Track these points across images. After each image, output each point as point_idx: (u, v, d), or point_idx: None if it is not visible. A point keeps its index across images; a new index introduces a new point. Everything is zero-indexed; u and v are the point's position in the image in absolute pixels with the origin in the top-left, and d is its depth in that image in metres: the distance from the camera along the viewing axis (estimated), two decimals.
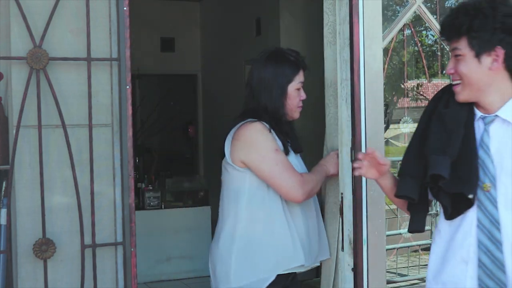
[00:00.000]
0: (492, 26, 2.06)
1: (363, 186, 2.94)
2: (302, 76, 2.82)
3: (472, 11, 2.09)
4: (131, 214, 2.49)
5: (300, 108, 2.85)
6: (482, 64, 2.09)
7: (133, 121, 2.51)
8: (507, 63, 2.09)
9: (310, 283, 4.76)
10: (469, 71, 2.11)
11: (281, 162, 2.63)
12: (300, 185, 2.63)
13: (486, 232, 2.11)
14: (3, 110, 2.57)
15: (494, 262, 2.10)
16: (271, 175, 2.62)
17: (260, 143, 2.64)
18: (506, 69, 2.11)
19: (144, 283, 5.99)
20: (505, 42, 2.06)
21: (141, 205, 6.10)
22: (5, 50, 2.51)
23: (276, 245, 2.65)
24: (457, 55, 2.13)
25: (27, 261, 2.49)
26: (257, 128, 2.66)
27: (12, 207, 2.48)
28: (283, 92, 2.76)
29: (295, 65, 2.80)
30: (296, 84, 2.80)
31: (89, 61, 2.53)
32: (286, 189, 2.63)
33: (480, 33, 2.07)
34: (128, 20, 2.49)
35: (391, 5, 3.91)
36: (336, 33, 3.01)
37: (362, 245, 2.94)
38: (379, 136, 2.98)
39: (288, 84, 2.77)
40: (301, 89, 2.83)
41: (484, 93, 2.13)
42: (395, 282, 4.19)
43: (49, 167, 2.50)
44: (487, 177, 2.10)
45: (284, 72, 2.77)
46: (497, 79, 2.11)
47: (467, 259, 2.13)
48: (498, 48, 2.07)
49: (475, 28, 2.07)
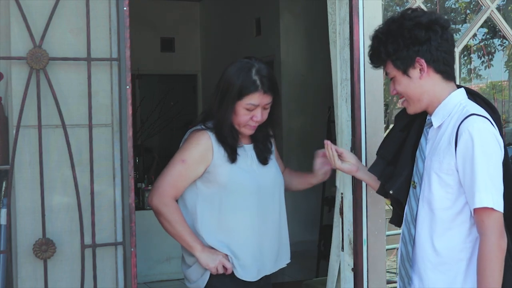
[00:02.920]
0: (403, 44, 2.22)
1: (363, 186, 2.94)
2: (256, 99, 2.59)
3: (383, 38, 2.26)
4: (131, 214, 2.49)
5: (250, 127, 2.66)
6: (413, 78, 2.26)
7: (133, 121, 2.51)
8: (433, 66, 2.24)
9: (310, 283, 4.76)
10: (405, 88, 2.28)
11: (173, 169, 2.63)
12: (158, 196, 2.62)
13: (407, 225, 2.35)
14: (3, 110, 2.57)
15: (407, 254, 2.34)
16: (160, 173, 2.69)
17: (181, 149, 2.66)
18: (435, 72, 2.25)
19: (144, 283, 6.00)
20: (422, 51, 2.22)
21: (141, 205, 6.10)
22: (5, 50, 2.51)
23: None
24: (391, 78, 2.32)
25: (27, 261, 2.49)
26: (195, 138, 2.65)
27: (12, 207, 2.48)
28: (231, 106, 2.61)
29: (253, 86, 2.59)
30: (246, 105, 2.60)
31: (89, 61, 2.53)
32: (152, 187, 2.71)
33: (397, 54, 2.24)
34: (128, 20, 2.49)
35: (391, 5, 3.91)
36: (337, 33, 3.01)
37: (362, 245, 2.95)
38: (379, 136, 2.98)
39: (236, 101, 2.60)
40: (257, 110, 2.62)
41: (426, 103, 2.29)
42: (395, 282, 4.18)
43: (49, 167, 2.50)
44: (417, 176, 2.32)
45: (237, 86, 2.59)
46: (430, 84, 2.26)
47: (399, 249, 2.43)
48: (418, 59, 2.22)
49: (391, 52, 2.24)
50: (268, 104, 2.65)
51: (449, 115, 2.24)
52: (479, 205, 2.11)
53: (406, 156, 2.39)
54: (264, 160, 2.74)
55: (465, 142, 2.13)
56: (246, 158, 2.69)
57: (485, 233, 2.12)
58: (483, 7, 3.58)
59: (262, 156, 2.74)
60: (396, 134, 2.47)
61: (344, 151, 2.65)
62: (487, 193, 2.11)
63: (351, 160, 2.64)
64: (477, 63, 4.64)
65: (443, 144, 2.21)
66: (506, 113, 4.77)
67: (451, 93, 2.27)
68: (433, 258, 2.25)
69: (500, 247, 2.11)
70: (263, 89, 2.60)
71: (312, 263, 6.14)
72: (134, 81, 8.41)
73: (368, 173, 2.61)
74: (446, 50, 2.24)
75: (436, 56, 2.22)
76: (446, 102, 2.26)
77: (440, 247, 2.23)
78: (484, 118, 2.18)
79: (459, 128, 2.16)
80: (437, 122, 2.27)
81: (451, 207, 2.21)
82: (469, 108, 2.21)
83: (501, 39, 4.31)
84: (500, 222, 2.13)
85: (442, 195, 2.22)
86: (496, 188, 2.13)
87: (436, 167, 2.22)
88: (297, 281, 5.49)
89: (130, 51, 2.49)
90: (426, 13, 2.27)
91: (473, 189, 2.13)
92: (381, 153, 2.51)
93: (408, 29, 2.21)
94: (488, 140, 2.14)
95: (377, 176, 2.54)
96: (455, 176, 2.18)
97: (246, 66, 2.63)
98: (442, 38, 2.22)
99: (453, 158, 2.17)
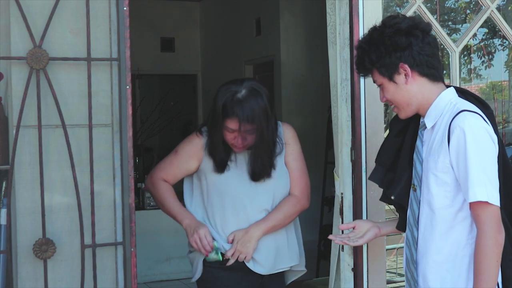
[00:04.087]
0: (385, 51, 2.25)
1: (363, 186, 2.94)
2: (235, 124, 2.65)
3: (366, 47, 2.30)
4: (131, 214, 2.49)
5: (238, 148, 2.72)
6: (399, 84, 2.28)
7: (133, 121, 2.51)
8: (417, 70, 2.26)
9: (310, 283, 4.76)
10: (392, 95, 2.31)
11: (166, 158, 2.87)
12: (149, 177, 2.88)
13: (410, 228, 2.35)
14: (3, 110, 2.56)
15: (411, 257, 2.34)
16: None
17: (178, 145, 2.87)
18: (420, 75, 2.27)
19: (144, 283, 6.00)
20: (404, 56, 2.24)
21: (141, 205, 6.10)
22: (5, 50, 2.51)
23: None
24: (379, 85, 2.34)
25: (27, 261, 2.49)
26: (189, 137, 2.86)
27: (12, 207, 2.48)
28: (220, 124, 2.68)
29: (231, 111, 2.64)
30: (226, 127, 2.68)
31: (89, 61, 2.53)
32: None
33: (380, 62, 2.26)
34: (128, 20, 2.49)
35: (391, 5, 3.91)
36: (336, 33, 3.01)
37: (362, 245, 2.94)
38: (379, 136, 2.98)
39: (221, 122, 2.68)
40: (237, 135, 2.67)
41: (417, 106, 2.31)
42: (395, 282, 4.18)
43: (49, 167, 2.50)
44: (416, 179, 2.33)
45: (219, 109, 2.66)
46: (418, 89, 2.28)
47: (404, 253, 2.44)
48: (401, 64, 2.24)
49: (375, 60, 2.27)
50: (249, 131, 2.66)
51: (441, 114, 2.25)
52: (473, 199, 2.12)
53: (404, 161, 2.40)
54: (257, 177, 2.75)
55: (457, 138, 2.15)
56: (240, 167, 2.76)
57: (481, 228, 2.13)
58: (483, 7, 3.58)
59: (256, 173, 2.75)
60: (392, 140, 2.48)
61: (356, 223, 2.62)
62: (480, 187, 2.11)
63: (367, 226, 2.59)
64: (477, 63, 4.64)
65: (437, 143, 2.23)
66: (506, 113, 4.76)
67: (441, 93, 2.28)
68: (437, 258, 2.25)
69: (497, 241, 2.12)
70: (239, 118, 2.63)
71: (312, 263, 6.13)
72: (134, 81, 8.40)
73: (389, 223, 2.62)
74: (429, 53, 2.26)
75: (419, 60, 2.24)
76: (436, 103, 2.27)
77: (444, 245, 2.23)
78: (475, 113, 2.19)
79: (451, 125, 2.17)
80: (430, 123, 2.28)
81: (451, 205, 2.21)
82: (460, 105, 2.23)
83: (501, 39, 4.31)
84: (496, 216, 2.13)
85: (440, 194, 2.22)
86: (490, 182, 2.14)
87: (432, 166, 2.23)
88: (297, 281, 5.48)
89: (130, 51, 2.49)
90: (406, 19, 2.29)
91: (467, 184, 2.14)
92: (380, 161, 2.52)
93: (388, 36, 2.24)
94: (480, 135, 2.15)
95: (378, 184, 2.55)
96: (451, 173, 2.19)
97: (232, 90, 2.67)
98: (424, 42, 2.25)
99: (447, 155, 2.18)
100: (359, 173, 2.93)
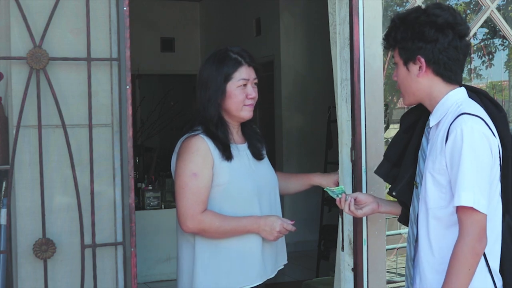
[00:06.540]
0: (410, 36, 2.21)
1: (363, 186, 2.94)
2: (245, 73, 2.65)
3: (398, 23, 2.26)
4: (131, 214, 2.48)
5: (249, 106, 2.67)
6: (411, 72, 2.26)
7: (133, 121, 2.51)
8: (432, 68, 2.23)
9: (310, 283, 4.76)
10: (402, 79, 2.30)
11: (189, 187, 2.55)
12: (191, 218, 2.55)
13: (411, 225, 2.34)
14: (3, 110, 2.57)
15: (410, 253, 2.33)
16: (176, 196, 2.60)
17: (185, 162, 2.57)
18: (434, 73, 2.24)
19: (144, 283, 5.99)
20: (424, 49, 2.20)
21: (141, 205, 6.10)
22: (5, 50, 2.51)
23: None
24: (394, 63, 2.32)
25: (27, 261, 2.49)
26: (192, 145, 2.59)
27: (12, 207, 2.48)
28: (222, 92, 2.62)
29: (236, 62, 2.65)
30: (237, 82, 2.63)
31: (89, 61, 2.53)
32: (178, 215, 2.59)
33: (403, 44, 2.24)
34: (128, 20, 2.49)
35: (391, 5, 3.91)
36: (337, 33, 3.01)
37: (362, 245, 2.94)
38: (379, 136, 2.98)
39: (227, 83, 2.62)
40: (248, 86, 2.66)
41: (422, 99, 2.29)
42: (395, 282, 4.18)
43: (49, 167, 2.50)
44: (418, 176, 2.31)
45: (222, 70, 2.63)
46: (428, 85, 2.25)
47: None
48: (419, 57, 2.21)
49: (399, 39, 2.24)
50: (255, 80, 2.70)
51: (445, 114, 2.22)
52: (457, 203, 2.09)
53: (409, 158, 2.38)
54: (259, 155, 2.75)
55: (453, 141, 2.11)
56: (242, 157, 2.69)
57: (461, 233, 2.08)
58: (483, 7, 3.58)
59: (257, 152, 2.75)
60: (400, 135, 2.46)
61: (357, 195, 2.58)
62: (468, 192, 2.07)
63: (368, 200, 2.57)
64: (477, 63, 4.64)
65: (437, 144, 2.20)
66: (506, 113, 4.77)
67: (449, 92, 2.24)
68: (430, 258, 2.23)
69: (474, 250, 2.06)
70: (247, 62, 2.67)
71: (312, 263, 6.13)
72: (134, 81, 8.41)
73: (390, 203, 2.60)
74: (451, 57, 2.20)
75: (438, 58, 2.19)
76: (443, 101, 2.24)
77: (437, 247, 2.21)
78: (477, 117, 2.14)
79: (450, 127, 2.14)
80: (434, 121, 2.26)
81: (446, 206, 2.18)
82: (463, 107, 2.19)
83: (501, 39, 4.31)
84: (480, 224, 2.07)
85: (436, 194, 2.20)
86: (480, 188, 2.08)
87: (430, 166, 2.21)
88: (297, 281, 5.49)
89: (130, 51, 2.49)
90: (447, 14, 2.21)
91: (455, 187, 2.10)
92: (386, 155, 2.51)
93: (420, 24, 2.20)
94: (477, 140, 2.10)
95: (383, 178, 2.54)
96: (446, 175, 2.16)
97: (221, 52, 2.69)
98: (451, 44, 2.19)
99: (444, 157, 2.15)
100: (359, 173, 2.93)
